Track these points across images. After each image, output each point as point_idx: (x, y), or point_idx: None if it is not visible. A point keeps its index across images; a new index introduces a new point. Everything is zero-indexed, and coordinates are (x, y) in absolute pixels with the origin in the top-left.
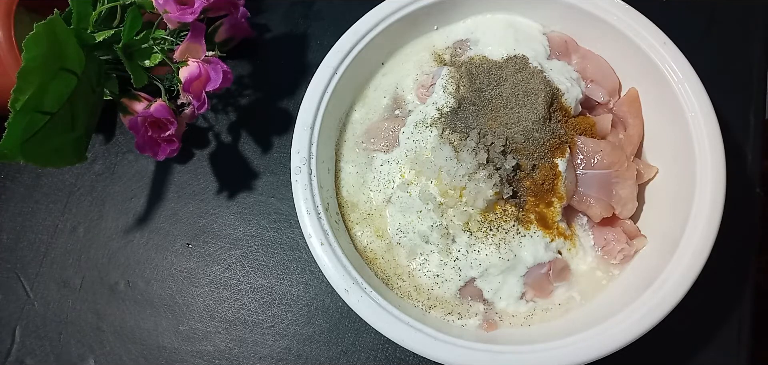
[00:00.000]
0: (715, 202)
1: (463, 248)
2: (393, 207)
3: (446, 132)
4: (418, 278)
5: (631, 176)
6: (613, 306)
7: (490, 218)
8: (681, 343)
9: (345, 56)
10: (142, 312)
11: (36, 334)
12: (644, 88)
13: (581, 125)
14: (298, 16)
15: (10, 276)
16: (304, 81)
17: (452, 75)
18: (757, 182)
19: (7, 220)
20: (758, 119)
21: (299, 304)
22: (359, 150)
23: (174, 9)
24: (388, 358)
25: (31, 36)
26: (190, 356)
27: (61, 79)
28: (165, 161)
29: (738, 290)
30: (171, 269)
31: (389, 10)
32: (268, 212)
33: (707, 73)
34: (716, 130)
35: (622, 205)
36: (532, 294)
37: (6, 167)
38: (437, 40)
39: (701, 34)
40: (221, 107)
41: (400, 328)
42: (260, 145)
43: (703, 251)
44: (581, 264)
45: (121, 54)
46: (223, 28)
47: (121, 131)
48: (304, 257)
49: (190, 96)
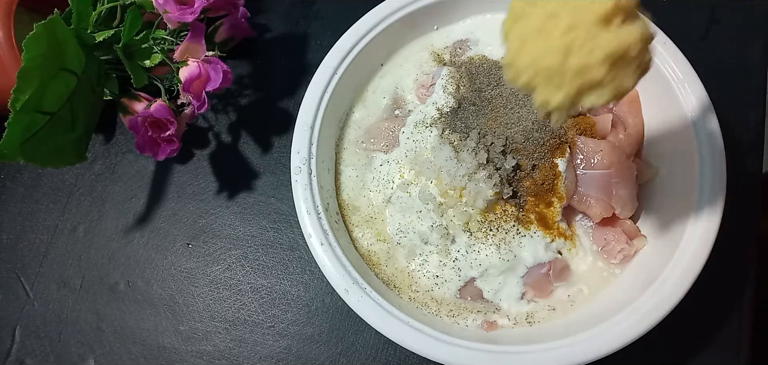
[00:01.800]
0: (715, 202)
1: (463, 249)
2: (393, 207)
3: (446, 132)
4: (418, 278)
5: (631, 176)
6: (613, 306)
7: (490, 218)
8: (681, 343)
9: (345, 56)
10: (142, 312)
11: (36, 334)
12: (644, 88)
13: (581, 125)
14: (298, 16)
15: (10, 276)
16: (304, 81)
17: (452, 75)
18: (757, 182)
19: (7, 220)
20: (758, 119)
21: (299, 304)
22: (359, 150)
23: (174, 9)
24: (388, 358)
25: (31, 36)
26: (190, 356)
27: (61, 79)
28: (165, 161)
29: (738, 290)
30: (171, 269)
31: (389, 10)
32: (268, 212)
33: (707, 73)
34: (716, 130)
35: (622, 205)
36: (532, 294)
37: (6, 167)
38: (437, 41)
39: (701, 34)
40: (221, 107)
41: (400, 328)
42: (260, 145)
43: (703, 251)
44: (581, 264)
45: (121, 54)
46: (223, 28)
47: (121, 131)
48: (304, 257)
49: (190, 96)
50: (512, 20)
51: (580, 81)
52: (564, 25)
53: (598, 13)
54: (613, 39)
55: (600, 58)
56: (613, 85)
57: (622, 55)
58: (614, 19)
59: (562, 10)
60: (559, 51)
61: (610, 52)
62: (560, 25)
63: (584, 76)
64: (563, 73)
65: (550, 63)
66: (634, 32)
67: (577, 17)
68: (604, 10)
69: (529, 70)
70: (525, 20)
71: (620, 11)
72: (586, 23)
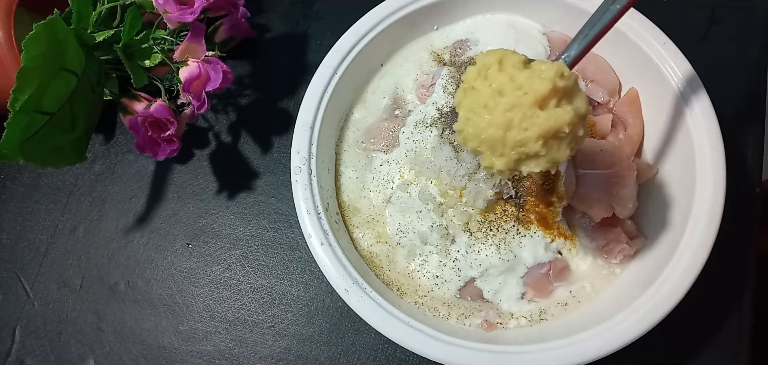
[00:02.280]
0: (715, 202)
1: (463, 249)
2: (393, 207)
3: (446, 132)
4: (418, 279)
5: (631, 176)
6: (613, 306)
7: (490, 218)
8: (681, 343)
9: (345, 56)
10: (142, 312)
11: (36, 334)
12: (644, 88)
13: None
14: (298, 16)
15: (10, 275)
16: (304, 81)
17: (452, 75)
18: (757, 182)
19: (7, 220)
20: (758, 119)
21: (299, 304)
22: (359, 150)
23: (174, 9)
24: (388, 358)
25: (31, 36)
26: (190, 356)
27: (61, 79)
28: (165, 161)
29: (738, 290)
30: (171, 269)
31: (389, 10)
32: (268, 212)
33: (707, 73)
34: (716, 130)
35: (622, 205)
36: (532, 294)
37: (6, 167)
38: (437, 41)
39: (701, 34)
40: (221, 107)
41: (400, 328)
42: (260, 145)
43: (703, 251)
44: (581, 264)
45: (121, 54)
46: (223, 28)
47: (121, 131)
48: (304, 257)
49: (190, 96)
50: (463, 92)
51: (519, 152)
52: (506, 103)
53: (535, 95)
54: (547, 119)
55: (535, 135)
56: (548, 158)
57: (555, 133)
58: (550, 101)
59: (507, 87)
60: (501, 126)
61: (544, 131)
62: (503, 102)
63: (522, 149)
64: (504, 145)
65: (493, 135)
66: (567, 114)
67: (518, 97)
68: (541, 93)
69: (476, 139)
70: (474, 94)
71: (556, 93)
72: (524, 104)
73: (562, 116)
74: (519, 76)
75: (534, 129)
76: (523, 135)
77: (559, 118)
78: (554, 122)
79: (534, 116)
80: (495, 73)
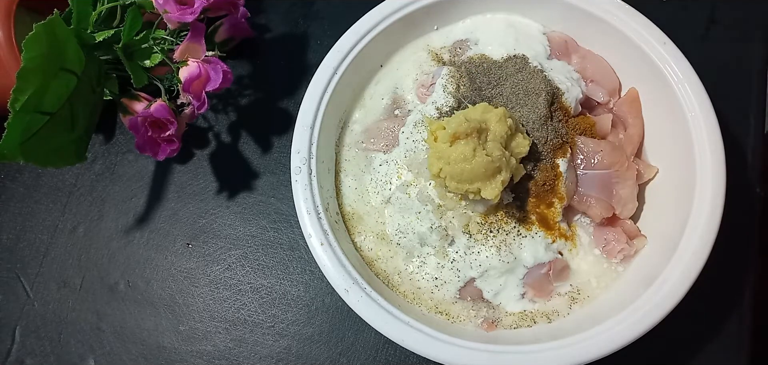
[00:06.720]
0: (715, 202)
1: (462, 250)
2: (392, 208)
3: None
4: (418, 279)
5: (631, 176)
6: (614, 306)
7: (491, 220)
8: (681, 343)
9: (345, 56)
10: (142, 312)
11: (36, 334)
12: (644, 88)
13: (581, 125)
14: (298, 16)
15: (10, 275)
16: (304, 81)
17: (452, 75)
18: (757, 182)
19: (7, 220)
20: (758, 119)
21: (299, 304)
22: (359, 150)
23: (174, 9)
24: (388, 358)
25: (31, 36)
26: (190, 356)
27: (61, 79)
28: (165, 161)
29: (738, 290)
30: (171, 269)
31: (389, 11)
32: (268, 212)
33: (707, 73)
34: (716, 130)
35: (623, 205)
36: (533, 294)
37: (6, 167)
38: (437, 40)
39: (701, 34)
40: (221, 107)
41: (400, 328)
42: (260, 145)
43: (703, 251)
44: (581, 264)
45: (121, 54)
46: (223, 28)
47: (121, 131)
48: (304, 257)
49: (190, 96)
50: (431, 138)
51: (466, 188)
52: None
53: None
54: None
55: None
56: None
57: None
58: None
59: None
60: (457, 173)
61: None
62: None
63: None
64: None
65: (451, 172)
66: (496, 190)
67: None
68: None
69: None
70: (437, 146)
71: None
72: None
73: (494, 191)
74: None
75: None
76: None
77: (491, 192)
78: (489, 193)
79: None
80: None
